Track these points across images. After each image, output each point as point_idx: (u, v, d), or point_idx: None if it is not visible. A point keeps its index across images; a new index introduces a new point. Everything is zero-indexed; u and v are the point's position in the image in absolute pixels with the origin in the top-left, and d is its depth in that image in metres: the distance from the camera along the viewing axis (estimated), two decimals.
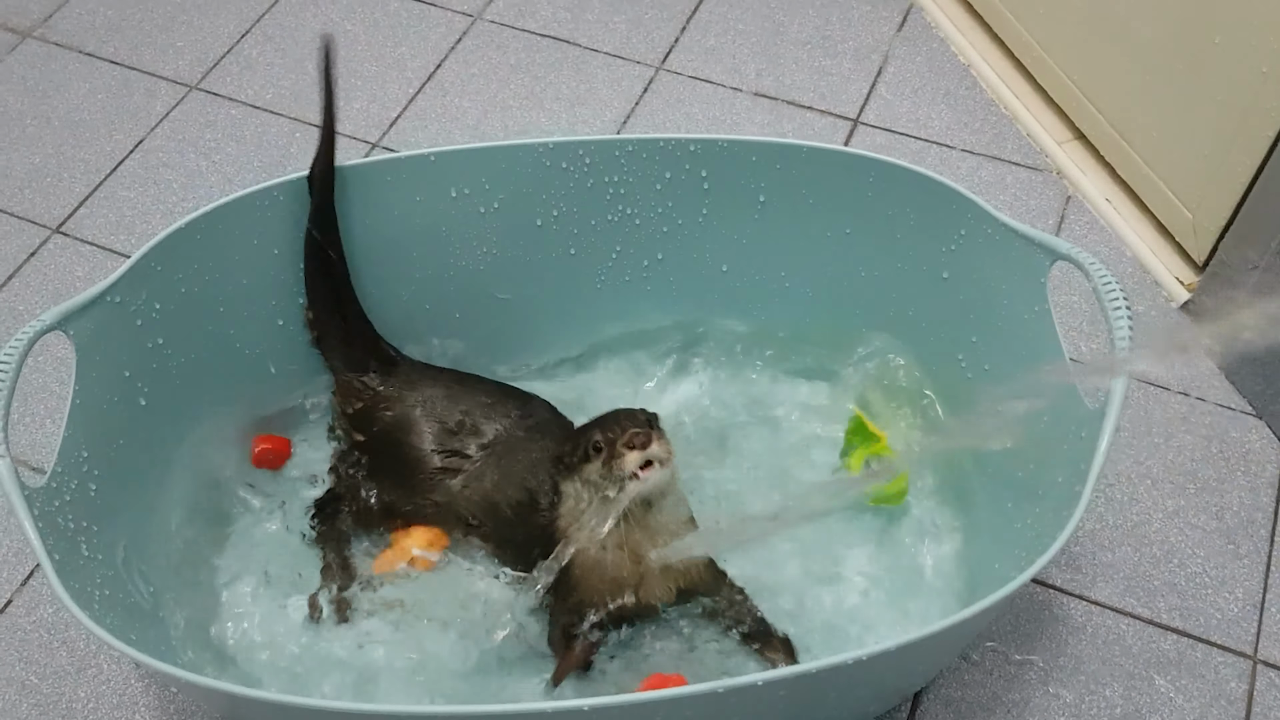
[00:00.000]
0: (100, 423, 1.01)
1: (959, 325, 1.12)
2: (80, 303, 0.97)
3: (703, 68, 1.60)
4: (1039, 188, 1.47)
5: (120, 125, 1.56)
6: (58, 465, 0.94)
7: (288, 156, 1.51)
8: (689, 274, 1.21)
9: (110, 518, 1.00)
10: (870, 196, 1.10)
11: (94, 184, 1.50)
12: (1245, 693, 1.09)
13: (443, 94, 1.58)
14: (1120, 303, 0.91)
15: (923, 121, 1.53)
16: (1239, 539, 1.18)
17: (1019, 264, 1.02)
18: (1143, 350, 0.90)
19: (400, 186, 1.12)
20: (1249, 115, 1.21)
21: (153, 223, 1.44)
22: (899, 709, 1.07)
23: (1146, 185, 1.40)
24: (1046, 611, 1.13)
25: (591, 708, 0.79)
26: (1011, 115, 1.54)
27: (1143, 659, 1.11)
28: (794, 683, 0.81)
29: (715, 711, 0.86)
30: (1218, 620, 1.13)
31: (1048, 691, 1.09)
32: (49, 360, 1.31)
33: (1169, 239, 1.39)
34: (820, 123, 1.54)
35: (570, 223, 1.17)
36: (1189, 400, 1.28)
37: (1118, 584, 1.15)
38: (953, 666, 1.10)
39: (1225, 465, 1.23)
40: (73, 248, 1.43)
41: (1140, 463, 1.24)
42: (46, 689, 1.09)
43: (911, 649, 0.84)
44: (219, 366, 1.14)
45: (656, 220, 1.17)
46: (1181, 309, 1.35)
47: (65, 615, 1.13)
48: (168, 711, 1.08)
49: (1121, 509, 1.20)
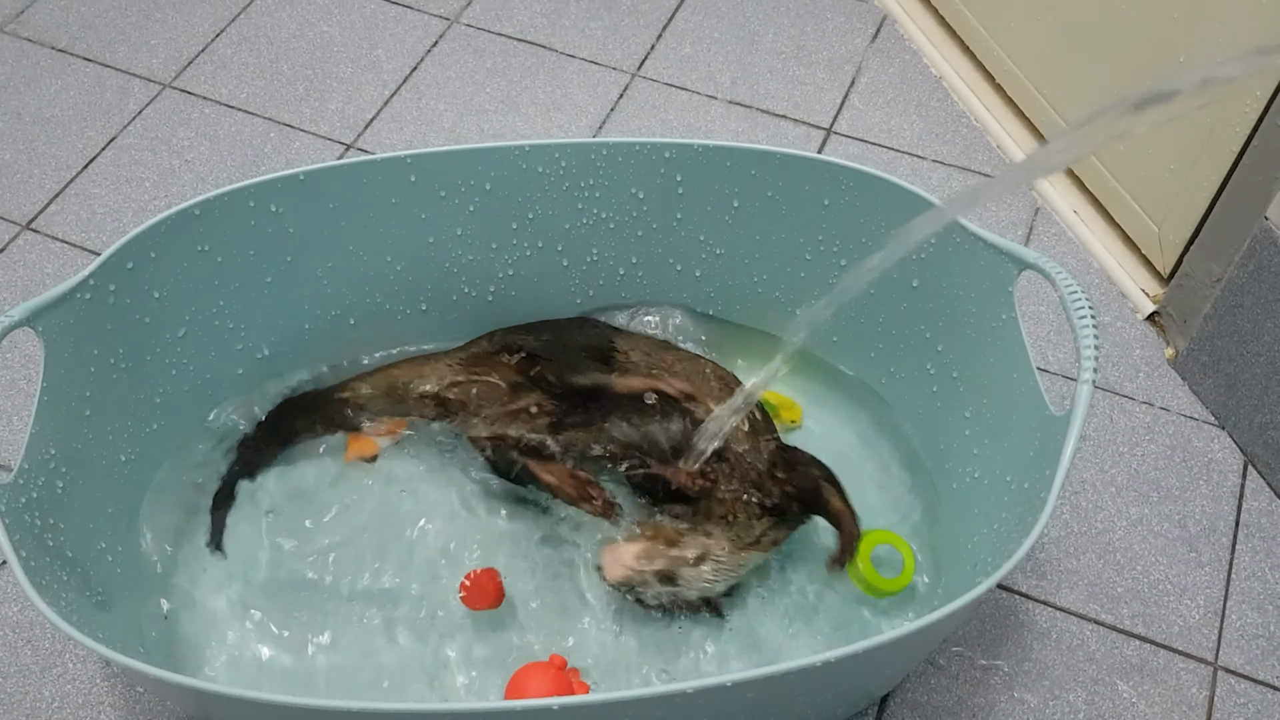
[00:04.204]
0: (69, 420, 1.00)
1: (927, 333, 1.14)
2: (50, 299, 0.97)
3: (678, 75, 1.61)
4: (1008, 199, 1.49)
5: (92, 122, 1.55)
6: (24, 462, 0.93)
7: (261, 156, 1.51)
8: (663, 278, 1.22)
9: (78, 516, 0.99)
10: (843, 204, 1.11)
11: (65, 181, 1.48)
12: (1206, 699, 1.10)
13: (419, 97, 1.58)
14: (1085, 312, 0.92)
15: (895, 132, 1.55)
16: (1201, 547, 1.20)
17: (987, 273, 1.03)
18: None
19: (376, 188, 1.12)
20: (1214, 131, 1.24)
21: (124, 221, 1.43)
22: (866, 713, 1.08)
23: (1113, 198, 1.42)
24: (1012, 617, 1.15)
25: (561, 707, 0.79)
26: (982, 127, 1.56)
27: (1106, 664, 1.12)
28: (762, 684, 0.82)
29: (683, 712, 0.86)
30: (1179, 627, 1.15)
31: (1013, 696, 1.10)
32: (17, 358, 1.30)
33: (1135, 251, 1.41)
34: (794, 131, 1.55)
35: (546, 226, 1.17)
36: (1153, 410, 1.30)
37: (1082, 590, 1.17)
38: (919, 671, 1.11)
39: (1188, 474, 1.25)
40: (43, 245, 1.42)
41: (1104, 471, 1.25)
42: (10, 687, 1.08)
43: (878, 652, 0.85)
44: (191, 364, 1.14)
45: (631, 224, 1.18)
46: (1147, 320, 1.37)
47: (29, 614, 1.12)
48: (133, 712, 1.07)
49: (1086, 516, 1.22)
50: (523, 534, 1.15)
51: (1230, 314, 1.24)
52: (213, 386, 1.18)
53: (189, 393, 1.16)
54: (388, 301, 1.21)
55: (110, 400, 1.05)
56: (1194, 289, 1.30)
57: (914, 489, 1.18)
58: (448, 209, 1.15)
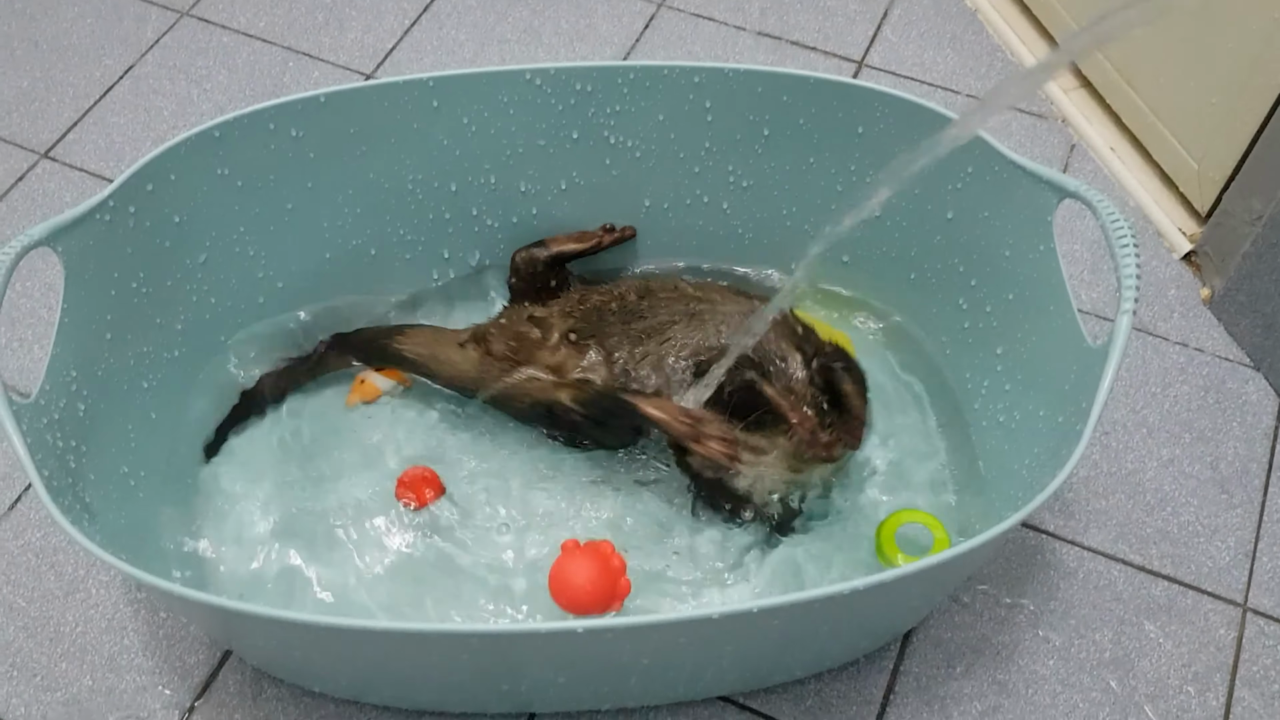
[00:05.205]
0: (89, 344, 0.99)
1: (961, 267, 1.11)
2: (70, 219, 0.95)
3: (705, 5, 1.57)
4: (1043, 135, 1.45)
5: (110, 50, 1.53)
6: (45, 383, 0.92)
7: (280, 86, 1.48)
8: (690, 211, 1.20)
9: (100, 440, 0.98)
10: (878, 132, 1.08)
11: (83, 109, 1.47)
12: (1234, 639, 1.09)
13: (439, 26, 1.55)
14: (1128, 240, 0.89)
15: (928, 65, 1.51)
16: (1233, 489, 1.18)
17: (1026, 203, 1.00)
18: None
19: (398, 112, 1.09)
20: (1259, 63, 1.20)
21: (143, 149, 1.41)
22: (889, 648, 1.07)
23: (1152, 134, 1.38)
24: (1039, 556, 1.14)
25: (585, 630, 0.79)
26: (1017, 61, 1.52)
27: (1133, 605, 1.11)
28: (788, 611, 0.81)
29: (709, 637, 0.86)
30: (1209, 568, 1.13)
31: (1037, 635, 1.09)
32: (37, 286, 1.29)
33: (1173, 189, 1.38)
34: (824, 64, 1.51)
35: (571, 153, 1.15)
36: (1187, 351, 1.28)
37: (1110, 531, 1.15)
38: (943, 608, 1.10)
39: (1221, 416, 1.23)
40: (61, 173, 1.40)
41: (1136, 412, 1.23)
42: (35, 612, 1.08)
43: (903, 583, 0.83)
44: (212, 292, 1.13)
45: (657, 153, 1.15)
46: (1183, 260, 1.34)
47: (53, 540, 1.12)
48: (157, 636, 1.07)
49: (1116, 457, 1.20)
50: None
51: (1270, 253, 1.20)
52: (234, 314, 1.17)
53: (210, 321, 1.15)
54: (409, 231, 1.20)
55: (131, 325, 1.04)
56: (1233, 227, 1.27)
57: (943, 427, 1.16)
58: (470, 135, 1.12)
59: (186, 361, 1.13)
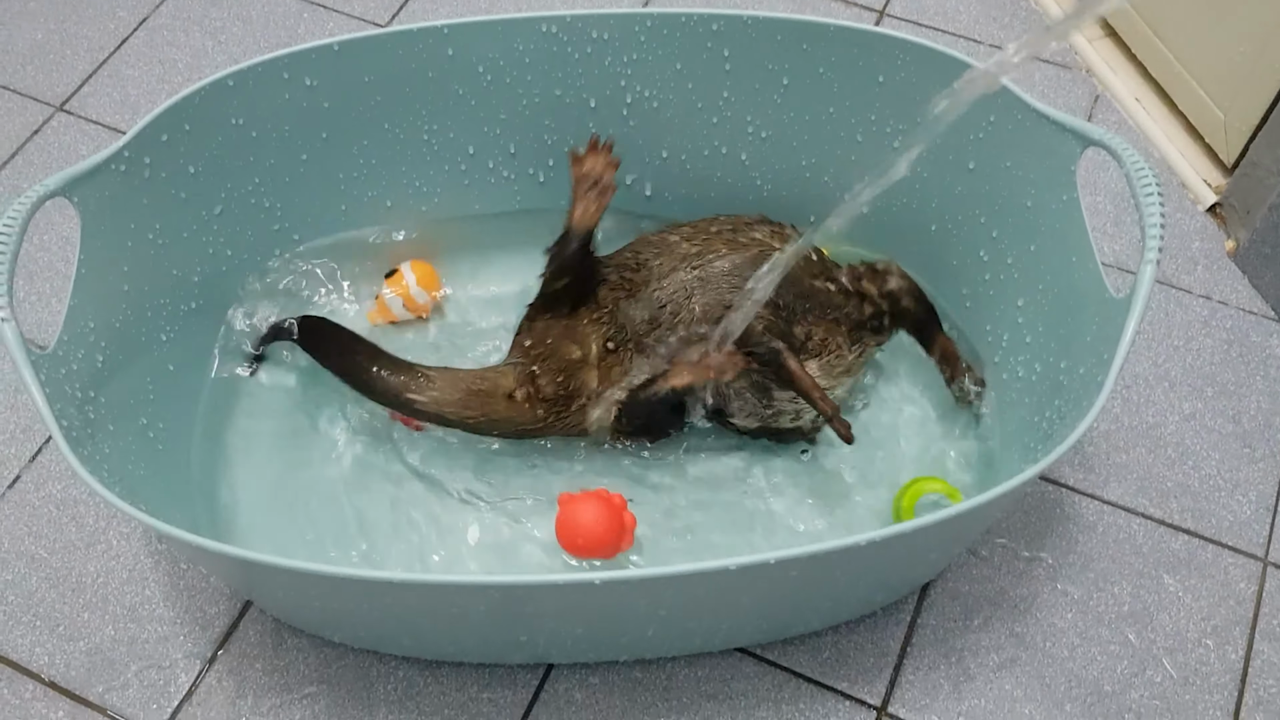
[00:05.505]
0: (107, 295, 0.99)
1: (982, 218, 1.10)
2: (85, 168, 0.95)
3: None
4: (1067, 85, 1.43)
5: (124, 2, 1.51)
6: (64, 334, 0.92)
7: (295, 37, 1.47)
8: (708, 163, 1.18)
9: (118, 392, 0.98)
10: (899, 80, 1.07)
11: (98, 62, 1.46)
12: (1254, 593, 1.09)
13: None
14: (1152, 188, 0.88)
15: (950, 14, 1.49)
16: (1255, 443, 1.17)
17: (1049, 152, 0.99)
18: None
19: (412, 60, 1.08)
20: None
21: (158, 101, 1.39)
22: (906, 600, 1.07)
23: (1178, 83, 1.36)
24: (1058, 510, 1.13)
25: (603, 581, 0.79)
26: (1042, 9, 1.49)
27: (1152, 558, 1.10)
28: (806, 562, 0.81)
29: (727, 588, 0.86)
30: (1230, 522, 1.13)
31: (1056, 588, 1.09)
32: (54, 239, 1.29)
33: (1198, 140, 1.35)
34: (845, 13, 1.49)
35: (587, 103, 1.13)
36: (1210, 304, 1.26)
37: (1130, 484, 1.15)
38: (961, 561, 1.10)
39: (1245, 369, 1.22)
40: (76, 126, 1.40)
41: (1158, 365, 1.22)
42: (56, 563, 1.09)
43: (920, 534, 0.83)
44: (228, 245, 1.13)
45: (675, 103, 1.14)
46: (1208, 212, 1.32)
47: (74, 491, 1.13)
48: (177, 587, 1.08)
49: (1137, 410, 1.19)
50: None
51: None
52: (249, 268, 1.16)
53: (226, 273, 1.14)
54: (424, 183, 1.19)
55: (148, 276, 1.04)
56: (1259, 178, 1.25)
57: None
58: (485, 84, 1.11)
59: (203, 313, 1.13)
